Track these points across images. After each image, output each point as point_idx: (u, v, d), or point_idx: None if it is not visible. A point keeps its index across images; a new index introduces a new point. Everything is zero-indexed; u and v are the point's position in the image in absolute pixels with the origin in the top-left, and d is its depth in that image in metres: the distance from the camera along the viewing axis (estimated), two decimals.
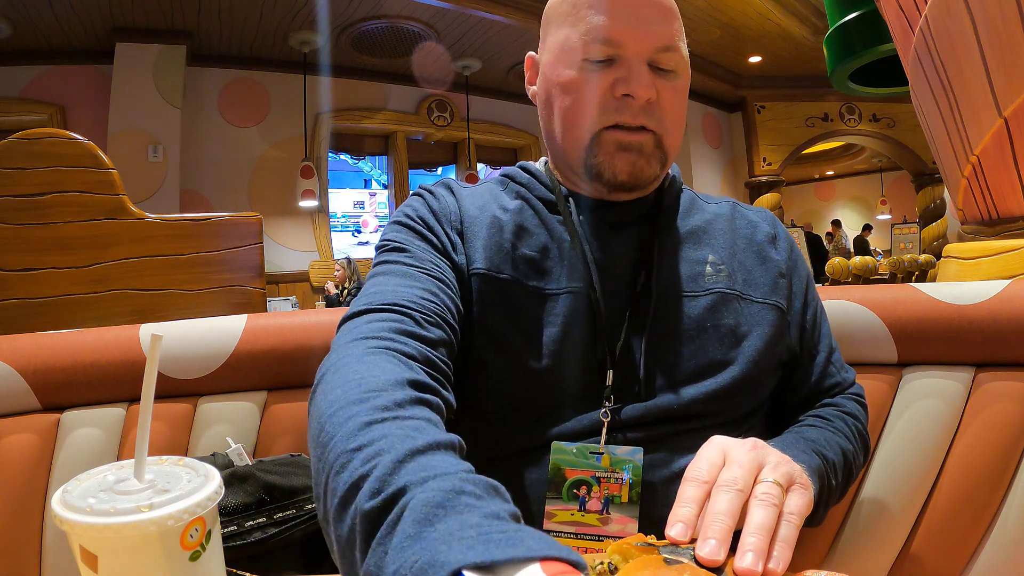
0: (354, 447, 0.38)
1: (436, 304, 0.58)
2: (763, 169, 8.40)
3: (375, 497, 0.34)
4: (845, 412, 0.68)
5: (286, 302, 5.48)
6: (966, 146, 1.57)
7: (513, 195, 0.72)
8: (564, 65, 0.66)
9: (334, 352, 0.51)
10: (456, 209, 0.69)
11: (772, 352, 0.66)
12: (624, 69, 0.63)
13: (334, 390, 0.44)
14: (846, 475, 0.63)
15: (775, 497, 0.43)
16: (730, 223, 0.73)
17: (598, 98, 0.64)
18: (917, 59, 1.69)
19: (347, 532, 0.35)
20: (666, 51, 0.64)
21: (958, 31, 1.49)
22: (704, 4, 6.02)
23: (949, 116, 1.61)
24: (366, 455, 0.37)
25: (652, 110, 0.64)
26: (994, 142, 1.48)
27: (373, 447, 0.37)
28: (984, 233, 1.59)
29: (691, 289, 0.66)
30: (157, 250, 1.75)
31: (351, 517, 0.35)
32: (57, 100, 5.37)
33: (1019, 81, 1.39)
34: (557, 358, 0.62)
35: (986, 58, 1.44)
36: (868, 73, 4.70)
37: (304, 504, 0.79)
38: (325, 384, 0.46)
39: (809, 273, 0.75)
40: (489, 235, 0.66)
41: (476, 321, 0.64)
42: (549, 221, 0.69)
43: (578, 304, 0.64)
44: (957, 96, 1.56)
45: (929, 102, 1.70)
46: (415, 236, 0.66)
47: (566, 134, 0.67)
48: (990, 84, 1.45)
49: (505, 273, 0.65)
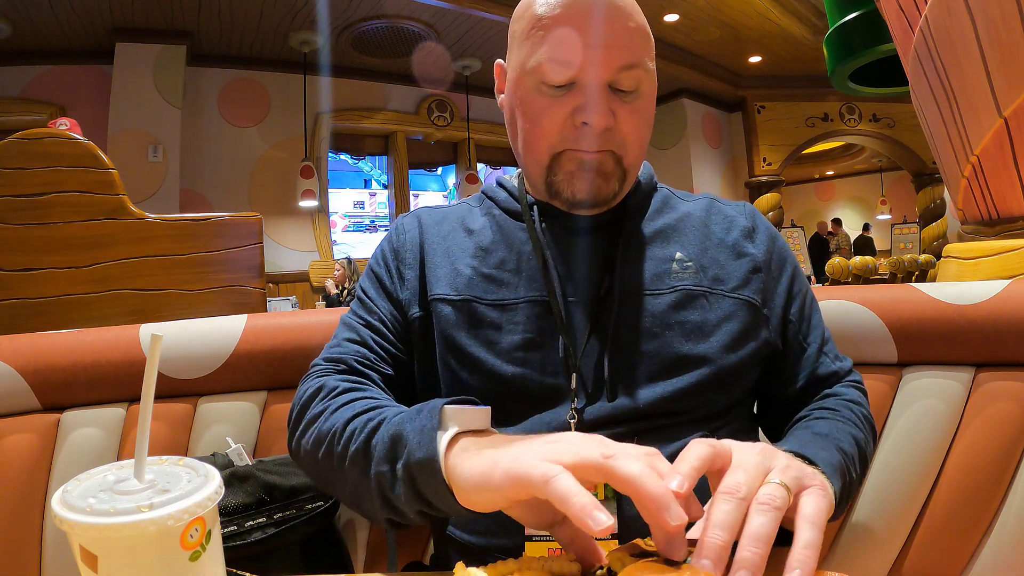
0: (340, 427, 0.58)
1: (369, 350, 0.69)
2: (763, 169, 8.40)
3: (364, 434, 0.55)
4: (848, 400, 0.68)
5: (286, 302, 5.48)
6: (966, 146, 1.57)
7: (484, 212, 0.76)
8: (525, 88, 0.66)
9: (302, 396, 0.66)
10: (417, 243, 0.74)
11: (744, 347, 0.66)
12: (582, 96, 0.63)
13: (313, 421, 0.62)
14: (863, 464, 0.62)
15: (778, 500, 0.41)
16: (704, 219, 0.73)
17: (557, 126, 0.65)
18: (917, 59, 1.69)
19: (360, 450, 0.54)
20: (628, 70, 0.64)
21: (958, 31, 1.49)
22: (704, 4, 6.02)
23: (949, 116, 1.61)
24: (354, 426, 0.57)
25: (611, 135, 0.65)
26: (994, 142, 1.48)
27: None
28: (984, 233, 1.59)
29: (655, 287, 0.67)
30: (157, 250, 1.75)
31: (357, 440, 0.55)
32: (57, 100, 5.37)
33: (1019, 81, 1.39)
34: (521, 364, 0.65)
35: (986, 58, 1.44)
36: (868, 73, 4.70)
37: (304, 504, 0.79)
38: (307, 424, 0.62)
39: (796, 265, 0.75)
40: (450, 262, 0.71)
41: (443, 342, 0.68)
42: (513, 234, 0.71)
43: (538, 311, 0.66)
44: (957, 96, 1.56)
45: (929, 102, 1.71)
46: (373, 283, 0.74)
47: (527, 153, 0.70)
48: (990, 84, 1.45)
49: (464, 294, 0.68)
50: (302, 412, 0.63)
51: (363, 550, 0.89)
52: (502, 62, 0.74)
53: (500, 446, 0.45)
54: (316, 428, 0.60)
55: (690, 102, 8.21)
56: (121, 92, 5.35)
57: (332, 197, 7.15)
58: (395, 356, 0.70)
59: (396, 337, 0.71)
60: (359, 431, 0.55)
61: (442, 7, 5.53)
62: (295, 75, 6.38)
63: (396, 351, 0.70)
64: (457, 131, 7.48)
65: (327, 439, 0.58)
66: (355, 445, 0.54)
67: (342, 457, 0.56)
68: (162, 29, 5.50)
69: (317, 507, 0.79)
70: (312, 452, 0.60)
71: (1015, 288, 0.80)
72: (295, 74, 6.38)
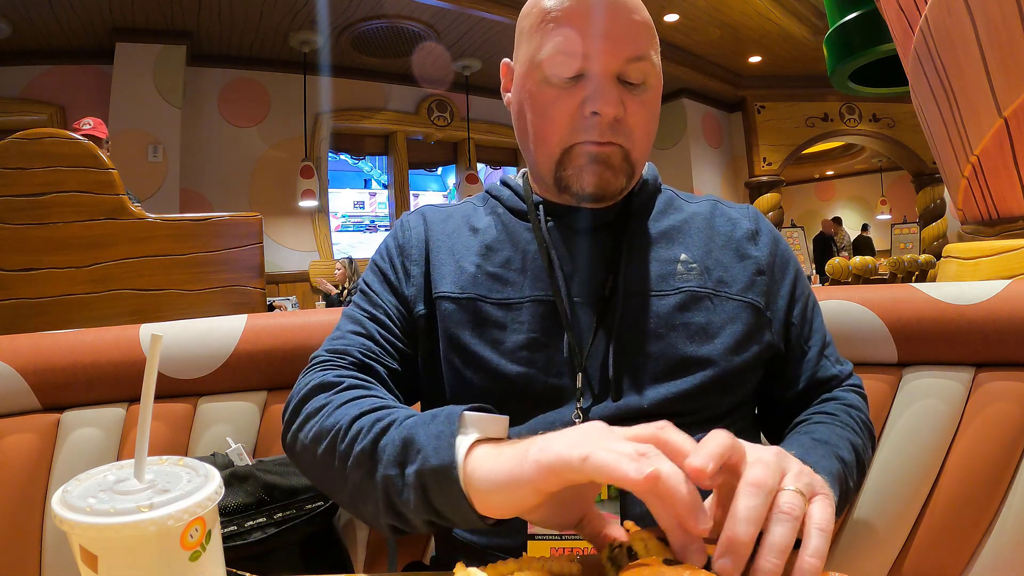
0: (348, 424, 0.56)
1: (375, 343, 0.68)
2: (763, 169, 8.40)
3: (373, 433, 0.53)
4: (848, 404, 0.68)
5: (286, 302, 5.49)
6: (966, 146, 1.57)
7: (488, 211, 0.76)
8: (534, 81, 0.67)
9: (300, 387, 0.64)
10: (423, 240, 0.73)
11: (747, 349, 0.66)
12: (592, 86, 0.64)
13: (313, 415, 0.59)
14: (860, 473, 0.63)
15: (798, 509, 0.40)
16: (708, 221, 0.73)
17: (567, 117, 0.65)
18: (917, 59, 1.69)
19: (368, 448, 0.52)
20: (635, 62, 0.65)
21: (958, 31, 1.49)
22: (704, 4, 6.02)
23: (949, 116, 1.61)
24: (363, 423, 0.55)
25: (620, 127, 0.65)
26: (994, 142, 1.48)
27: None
28: (984, 233, 1.59)
29: (660, 288, 0.67)
30: (157, 250, 1.75)
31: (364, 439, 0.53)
32: (57, 100, 5.37)
33: (1019, 81, 1.39)
34: (526, 364, 0.65)
35: (986, 58, 1.44)
36: (868, 73, 4.70)
37: (304, 504, 0.79)
38: (307, 416, 0.60)
39: (798, 268, 0.75)
40: (455, 260, 0.71)
41: (447, 340, 0.67)
42: (518, 233, 0.72)
43: (543, 310, 0.66)
44: (957, 96, 1.56)
45: (929, 102, 1.71)
46: (378, 277, 0.73)
47: (537, 148, 0.70)
48: (990, 84, 1.45)
49: (469, 292, 0.68)
50: (301, 404, 0.61)
51: (363, 550, 0.89)
52: (509, 61, 0.74)
53: (523, 444, 0.43)
54: (317, 422, 0.57)
55: (690, 102, 8.21)
56: (121, 92, 5.35)
57: (332, 197, 7.15)
58: (400, 351, 0.69)
59: (401, 332, 0.70)
60: (366, 430, 0.52)
61: (442, 7, 5.53)
62: (295, 75, 6.37)
63: (402, 346, 0.69)
64: (457, 131, 7.48)
65: (329, 435, 0.55)
66: (361, 445, 0.52)
67: (345, 456, 0.53)
68: (162, 29, 5.49)
69: (317, 507, 0.79)
70: (310, 447, 0.57)
71: (1015, 288, 0.79)
72: (295, 74, 6.38)
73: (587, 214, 0.71)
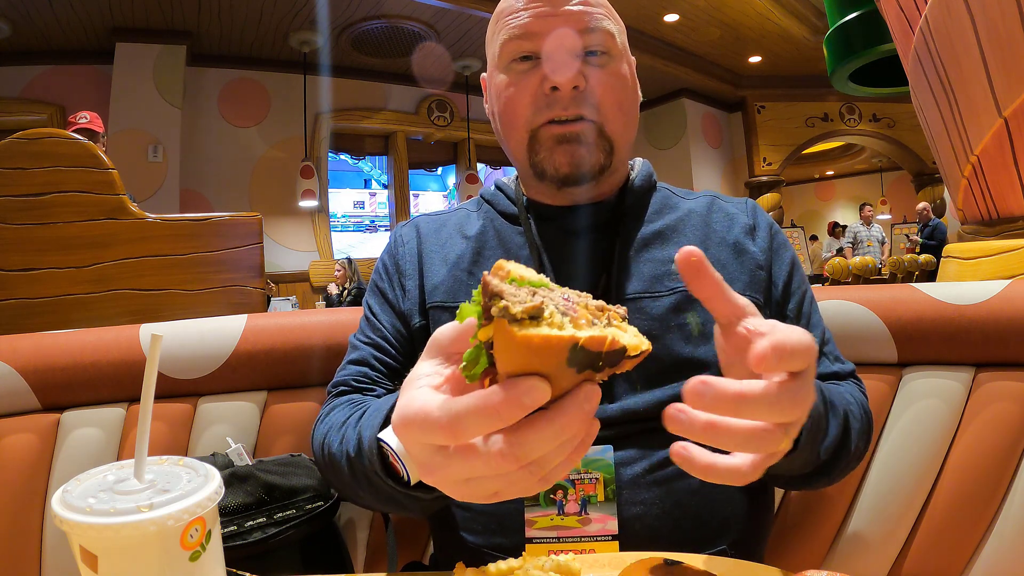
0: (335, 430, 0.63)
1: (370, 368, 0.72)
2: (763, 169, 8.40)
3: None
4: (849, 392, 0.66)
5: (286, 302, 5.49)
6: (966, 146, 1.57)
7: (482, 216, 0.76)
8: (497, 71, 0.70)
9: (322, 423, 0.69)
10: (415, 253, 0.75)
11: None
12: (548, 64, 0.66)
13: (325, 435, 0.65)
14: (844, 425, 0.59)
15: (813, 353, 0.37)
16: (705, 218, 0.72)
17: (529, 98, 0.67)
18: (917, 59, 1.69)
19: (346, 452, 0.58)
20: (588, 33, 0.66)
21: (958, 31, 1.49)
22: (704, 4, 6.02)
23: (949, 116, 1.61)
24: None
25: (584, 98, 0.66)
26: (994, 142, 1.48)
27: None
28: (984, 233, 1.59)
29: (655, 290, 0.66)
30: (157, 250, 1.75)
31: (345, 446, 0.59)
32: (57, 100, 5.38)
33: (1019, 81, 1.39)
34: None
35: (986, 58, 1.44)
36: (868, 73, 4.70)
37: (304, 504, 0.79)
38: (320, 435, 0.66)
39: (796, 262, 0.74)
40: (447, 269, 0.72)
41: None
42: (509, 237, 0.72)
43: None
44: (957, 96, 1.56)
45: (929, 102, 1.71)
46: (377, 299, 0.76)
47: (509, 138, 0.71)
48: (990, 84, 1.45)
49: (461, 299, 0.68)
50: (313, 442, 0.68)
51: (363, 550, 0.89)
52: (485, 76, 0.77)
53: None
54: (325, 454, 0.64)
55: (690, 102, 8.21)
56: (121, 92, 5.35)
57: (332, 197, 7.15)
58: (397, 371, 0.72)
59: (400, 351, 0.72)
60: (338, 443, 0.60)
61: (442, 7, 5.53)
62: (295, 75, 6.38)
63: (398, 365, 0.72)
64: (457, 131, 7.48)
65: (334, 465, 0.62)
66: (347, 463, 0.58)
67: (350, 480, 0.60)
68: (162, 29, 5.50)
69: (317, 507, 0.79)
70: (332, 479, 0.66)
71: (1015, 288, 0.79)
72: (295, 74, 6.38)
73: (580, 215, 0.71)
